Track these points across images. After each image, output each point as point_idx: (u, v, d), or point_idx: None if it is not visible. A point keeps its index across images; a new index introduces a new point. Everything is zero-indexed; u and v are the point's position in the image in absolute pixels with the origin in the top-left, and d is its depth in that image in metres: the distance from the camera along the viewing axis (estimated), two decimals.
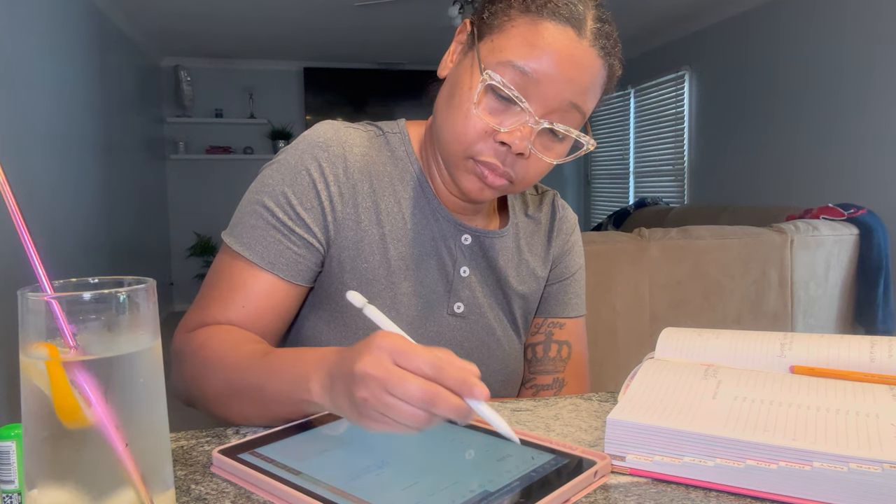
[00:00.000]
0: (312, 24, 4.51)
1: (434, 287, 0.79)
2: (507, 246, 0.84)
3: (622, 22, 3.70)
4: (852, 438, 0.47)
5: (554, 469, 0.50)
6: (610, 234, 2.25)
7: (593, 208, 6.23)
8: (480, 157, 0.70)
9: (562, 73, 0.67)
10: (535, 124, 0.68)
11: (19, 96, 2.65)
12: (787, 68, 3.65)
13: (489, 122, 0.68)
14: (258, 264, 0.72)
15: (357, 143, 0.78)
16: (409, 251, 0.78)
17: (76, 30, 3.41)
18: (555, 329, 0.88)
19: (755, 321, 2.31)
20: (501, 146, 0.69)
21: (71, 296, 0.39)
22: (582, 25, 0.68)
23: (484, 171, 0.70)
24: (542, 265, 0.88)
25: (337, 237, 0.76)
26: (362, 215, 0.76)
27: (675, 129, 4.74)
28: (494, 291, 0.83)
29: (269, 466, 0.51)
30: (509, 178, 0.71)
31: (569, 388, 0.88)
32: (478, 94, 0.68)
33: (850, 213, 2.59)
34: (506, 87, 0.67)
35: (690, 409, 0.53)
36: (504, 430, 0.47)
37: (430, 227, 0.79)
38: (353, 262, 0.76)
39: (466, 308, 0.81)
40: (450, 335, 0.80)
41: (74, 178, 3.29)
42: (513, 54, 0.67)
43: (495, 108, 0.69)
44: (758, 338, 0.67)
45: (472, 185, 0.72)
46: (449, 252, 0.80)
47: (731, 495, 0.49)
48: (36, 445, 0.39)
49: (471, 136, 0.69)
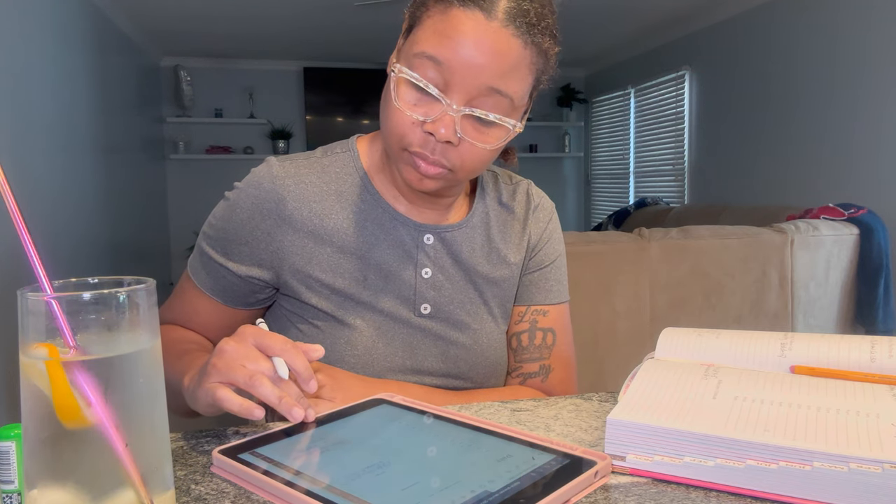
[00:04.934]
0: (312, 24, 4.51)
1: (398, 292, 0.80)
2: (471, 236, 0.84)
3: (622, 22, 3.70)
4: (852, 438, 0.47)
5: (554, 469, 0.50)
6: (610, 234, 2.25)
7: (593, 208, 6.23)
8: (412, 147, 0.71)
9: (474, 58, 0.66)
10: (456, 112, 0.68)
11: (20, 96, 2.65)
12: (786, 68, 3.65)
13: (413, 115, 0.69)
14: (203, 290, 0.83)
15: (292, 174, 0.79)
16: (366, 262, 0.79)
17: (76, 30, 3.41)
18: (538, 317, 0.89)
19: (755, 321, 2.31)
20: (429, 136, 0.70)
21: (71, 296, 0.39)
22: (491, 7, 0.66)
23: (417, 161, 0.71)
24: (514, 251, 0.88)
25: (284, 263, 0.79)
26: (306, 239, 0.78)
27: (675, 129, 4.74)
28: (463, 286, 0.84)
29: (269, 466, 0.51)
30: (443, 166, 0.71)
31: (555, 374, 0.88)
32: (395, 89, 0.70)
33: (850, 213, 2.59)
34: (416, 79, 0.68)
35: (691, 409, 0.53)
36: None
37: (386, 235, 0.80)
38: (308, 281, 0.79)
39: (434, 308, 0.82)
40: (419, 337, 0.81)
41: (74, 178, 3.29)
42: (426, 45, 0.68)
43: (419, 99, 0.69)
44: (758, 338, 0.67)
45: (411, 176, 0.73)
46: (409, 256, 0.81)
47: (731, 495, 0.49)
48: (36, 445, 0.39)
49: (400, 129, 0.70)
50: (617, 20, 4.52)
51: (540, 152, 6.28)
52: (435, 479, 0.49)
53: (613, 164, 5.74)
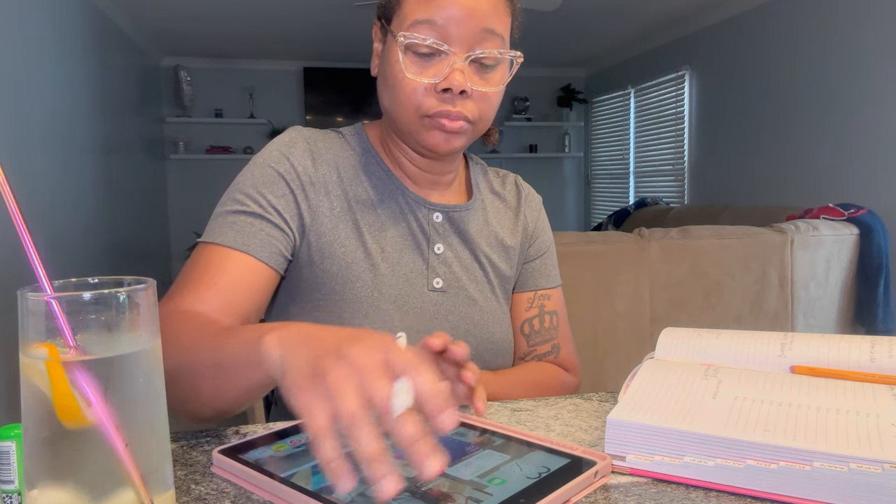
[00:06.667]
0: (312, 24, 4.51)
1: (412, 266, 0.83)
2: (475, 218, 0.90)
3: (622, 22, 3.69)
4: (852, 438, 0.47)
5: (554, 469, 0.50)
6: (610, 234, 2.25)
7: (593, 208, 6.23)
8: (431, 111, 0.75)
9: (463, 7, 0.73)
10: (464, 61, 0.74)
11: (20, 96, 2.65)
12: (787, 68, 3.65)
13: (424, 80, 0.75)
14: (231, 246, 0.74)
15: (321, 140, 0.84)
16: (383, 234, 0.82)
17: (76, 30, 3.41)
18: (545, 301, 0.95)
19: (755, 321, 2.31)
20: (444, 93, 0.75)
21: (71, 296, 0.39)
22: None
23: (441, 121, 0.76)
24: (510, 235, 0.93)
25: (313, 224, 0.80)
26: (335, 202, 0.81)
27: (675, 129, 4.74)
28: (470, 264, 0.88)
29: (270, 466, 0.51)
30: (466, 119, 0.76)
31: (564, 350, 0.95)
32: (403, 60, 0.75)
33: (850, 213, 2.59)
34: (421, 40, 0.74)
35: (691, 409, 0.53)
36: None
37: (401, 210, 0.84)
38: (331, 247, 0.80)
39: (446, 283, 0.85)
40: (433, 310, 0.83)
41: (74, 178, 3.29)
42: (417, 14, 0.74)
43: (424, 66, 0.75)
44: (758, 338, 0.67)
45: (437, 139, 0.77)
46: (422, 231, 0.85)
47: (731, 495, 0.49)
48: (36, 445, 0.39)
49: (416, 98, 0.75)
50: (617, 20, 4.52)
51: (540, 152, 6.28)
52: (435, 479, 0.49)
53: (613, 164, 5.74)
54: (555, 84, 6.23)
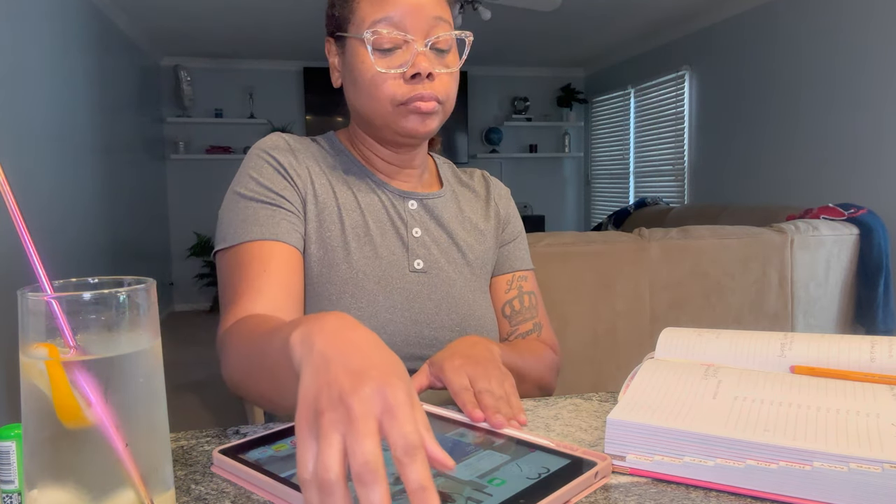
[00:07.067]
0: (312, 24, 4.51)
1: (392, 248, 0.88)
2: (448, 205, 0.95)
3: (622, 22, 3.68)
4: (852, 438, 0.47)
5: (554, 470, 0.50)
6: (610, 234, 2.25)
7: (593, 208, 6.23)
8: (405, 97, 0.81)
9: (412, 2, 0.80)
10: (424, 47, 0.81)
11: (19, 96, 2.65)
12: (786, 68, 3.65)
13: (392, 70, 0.80)
14: (263, 238, 0.80)
15: (299, 142, 0.91)
16: (363, 220, 0.87)
17: (76, 30, 3.41)
18: (522, 283, 1.00)
19: (755, 321, 2.31)
20: (413, 79, 0.81)
21: (71, 296, 0.39)
22: None
23: (416, 105, 0.81)
24: (483, 220, 0.99)
25: (305, 208, 0.86)
26: (318, 190, 0.87)
27: (675, 129, 4.74)
28: (448, 247, 0.92)
29: (270, 466, 0.51)
30: (436, 99, 0.82)
31: (545, 330, 1.00)
32: (372, 56, 0.80)
33: (850, 213, 2.59)
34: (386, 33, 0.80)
35: (691, 409, 0.53)
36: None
37: (379, 200, 0.90)
38: (318, 231, 0.85)
39: (426, 264, 0.89)
40: (416, 290, 0.87)
41: (75, 178, 3.29)
42: (374, 15, 0.80)
43: (389, 60, 0.81)
44: (758, 338, 0.67)
45: (414, 123, 0.82)
46: (400, 217, 0.90)
47: (731, 495, 0.49)
48: (36, 445, 0.39)
49: (388, 89, 0.81)
50: (616, 20, 4.52)
51: (540, 152, 6.28)
52: (435, 479, 0.49)
53: (613, 164, 5.74)
54: (555, 84, 6.23)
